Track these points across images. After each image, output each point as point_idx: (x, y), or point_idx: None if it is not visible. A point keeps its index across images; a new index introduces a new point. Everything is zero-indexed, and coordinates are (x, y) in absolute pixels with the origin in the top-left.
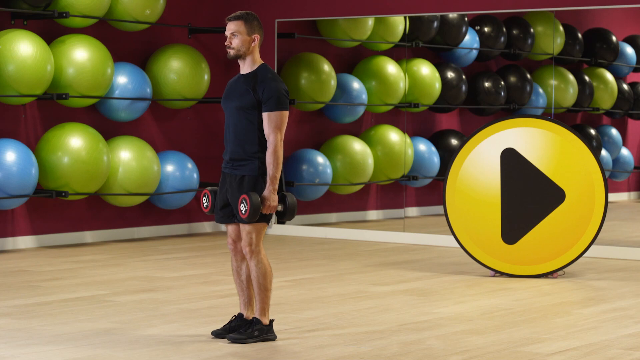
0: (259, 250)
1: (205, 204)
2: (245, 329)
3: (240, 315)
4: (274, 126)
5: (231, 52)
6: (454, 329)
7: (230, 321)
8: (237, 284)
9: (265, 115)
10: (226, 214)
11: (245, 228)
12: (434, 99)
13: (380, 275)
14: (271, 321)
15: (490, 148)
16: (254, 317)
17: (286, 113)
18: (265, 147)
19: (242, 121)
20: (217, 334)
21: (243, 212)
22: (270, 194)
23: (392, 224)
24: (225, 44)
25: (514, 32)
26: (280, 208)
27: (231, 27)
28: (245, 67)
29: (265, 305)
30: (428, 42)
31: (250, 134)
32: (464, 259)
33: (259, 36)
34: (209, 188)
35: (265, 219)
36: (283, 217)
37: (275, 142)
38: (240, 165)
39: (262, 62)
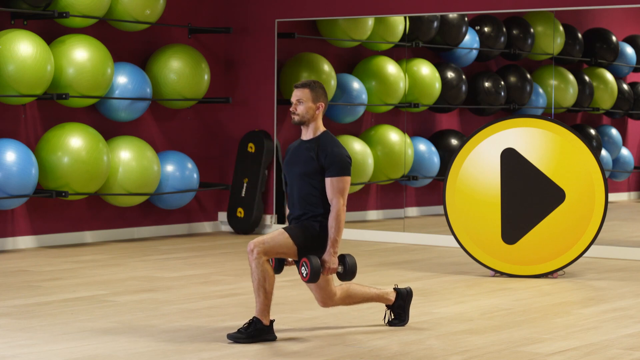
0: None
1: (304, 273)
2: (245, 328)
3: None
4: (337, 191)
5: (296, 118)
6: (454, 329)
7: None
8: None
9: (328, 180)
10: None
11: (275, 234)
12: (434, 99)
13: (380, 275)
14: (271, 322)
15: (490, 148)
16: (254, 317)
17: (349, 179)
18: (327, 210)
19: (306, 186)
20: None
21: (304, 275)
22: (331, 256)
23: (392, 224)
24: (291, 109)
25: (514, 32)
26: (340, 270)
27: (297, 94)
28: (308, 134)
29: (265, 306)
30: (428, 42)
31: (314, 198)
32: (464, 259)
33: (323, 104)
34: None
35: (351, 277)
36: (344, 278)
37: (339, 207)
38: (305, 219)
39: (325, 129)
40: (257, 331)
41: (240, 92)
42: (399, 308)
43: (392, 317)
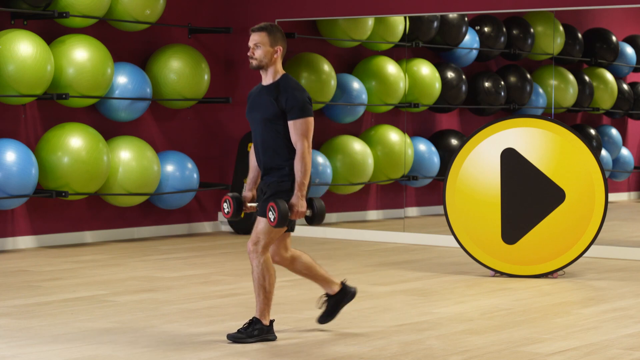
0: (262, 252)
1: (226, 210)
2: (245, 328)
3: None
4: (300, 133)
5: (253, 62)
6: (454, 329)
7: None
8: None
9: (290, 123)
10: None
11: (258, 226)
12: (434, 99)
13: (380, 275)
14: (271, 322)
15: (490, 148)
16: (254, 317)
17: (311, 119)
18: (294, 155)
19: (269, 132)
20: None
21: (272, 219)
22: (299, 200)
23: (392, 224)
24: (248, 54)
25: (514, 32)
26: (309, 213)
27: (254, 38)
28: (268, 78)
29: (265, 306)
30: (428, 42)
31: (278, 143)
32: (464, 259)
33: (281, 48)
34: (230, 194)
35: (319, 221)
36: (312, 222)
37: (303, 149)
38: (275, 173)
39: (284, 72)
40: (257, 331)
41: (240, 92)
42: (335, 303)
43: (323, 308)
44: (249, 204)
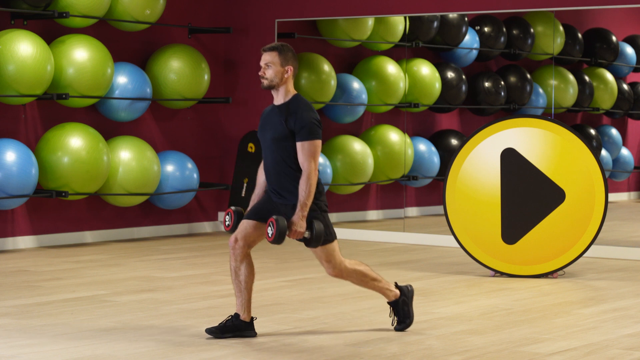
0: (343, 266)
1: (227, 223)
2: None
3: (236, 316)
4: (308, 155)
5: (264, 82)
6: (454, 329)
7: (226, 321)
8: (235, 285)
9: (298, 144)
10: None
11: (319, 256)
12: (434, 99)
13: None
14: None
15: (490, 148)
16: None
17: (319, 142)
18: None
19: (279, 151)
20: (211, 332)
21: (269, 234)
22: (299, 219)
23: (392, 224)
24: (259, 74)
25: (514, 32)
26: (307, 235)
27: (266, 57)
28: (279, 98)
29: (385, 288)
30: (428, 42)
31: (288, 164)
32: (464, 259)
33: (292, 68)
34: (232, 208)
35: (330, 238)
36: (309, 244)
37: (309, 170)
38: (286, 194)
39: (296, 92)
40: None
41: (240, 92)
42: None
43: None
44: None
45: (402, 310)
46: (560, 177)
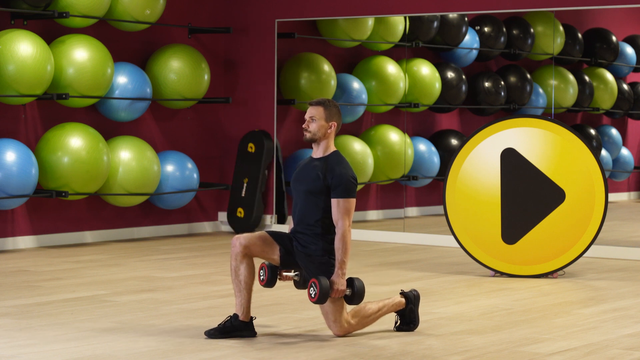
0: (348, 324)
1: (262, 277)
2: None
3: (235, 316)
4: (342, 212)
5: (307, 135)
6: (454, 329)
7: (225, 322)
8: (235, 284)
9: (334, 201)
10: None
11: (327, 313)
12: (434, 99)
13: (380, 275)
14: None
15: (490, 148)
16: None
17: (354, 201)
18: (329, 229)
19: (310, 204)
20: (210, 334)
21: (312, 295)
22: (339, 278)
23: (392, 224)
24: (303, 126)
25: (514, 32)
26: (348, 292)
27: (311, 111)
28: (318, 152)
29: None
30: (428, 42)
31: (316, 217)
32: (464, 259)
33: (336, 124)
34: (266, 263)
35: (359, 300)
36: (351, 302)
37: (344, 228)
38: (307, 244)
39: (335, 149)
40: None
41: (240, 92)
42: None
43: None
44: (284, 273)
45: (408, 317)
46: (560, 177)
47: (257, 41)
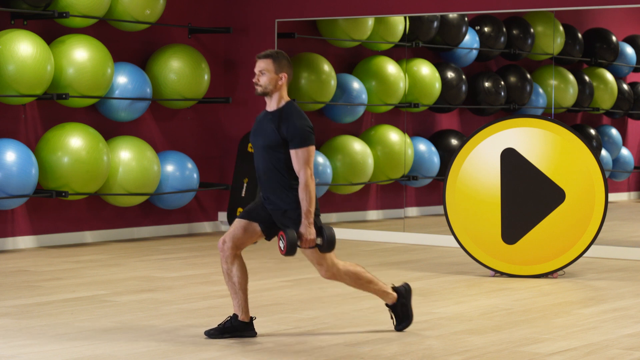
0: (336, 269)
1: (282, 246)
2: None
3: (234, 317)
4: (302, 162)
5: (258, 89)
6: (454, 329)
7: (225, 322)
8: (230, 287)
9: (292, 152)
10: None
11: (312, 259)
12: (434, 99)
13: (380, 275)
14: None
15: (490, 148)
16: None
17: (312, 148)
18: (295, 179)
19: (271, 159)
20: (210, 335)
21: (281, 248)
22: (307, 228)
23: (392, 224)
24: (254, 80)
25: (514, 32)
26: (319, 241)
27: (260, 65)
28: (272, 105)
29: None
30: (428, 42)
31: (278, 170)
32: (464, 259)
33: (286, 75)
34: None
35: (329, 248)
36: (322, 249)
37: (306, 178)
38: (277, 201)
39: (289, 99)
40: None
41: (240, 92)
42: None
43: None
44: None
45: (401, 312)
46: (560, 177)
47: (257, 41)
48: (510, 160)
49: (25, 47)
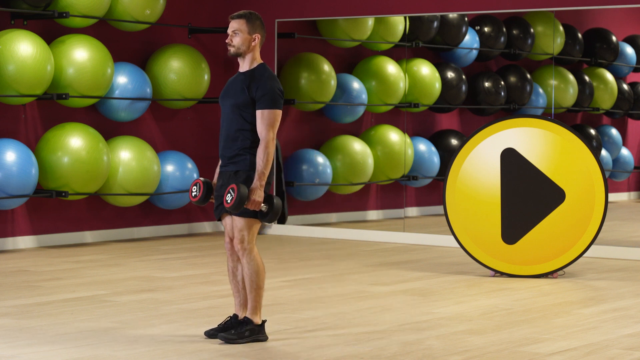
0: (251, 248)
1: (194, 193)
2: (236, 329)
3: (235, 316)
4: (267, 124)
5: (231, 49)
6: (454, 329)
7: (225, 322)
8: (233, 285)
9: (258, 112)
10: (223, 208)
11: (237, 225)
12: (434, 99)
13: (380, 275)
14: (263, 322)
15: (490, 148)
16: (245, 317)
17: (279, 112)
18: (256, 143)
19: (236, 118)
20: (210, 334)
21: (228, 201)
22: (257, 188)
23: (392, 224)
24: (226, 41)
25: (514, 32)
26: (264, 208)
27: (233, 25)
28: (244, 66)
29: (257, 305)
30: (428, 42)
31: (243, 131)
32: (464, 259)
33: (259, 36)
34: (201, 178)
35: (257, 215)
36: (265, 218)
37: (267, 139)
38: (233, 162)
39: (262, 61)
40: (247, 332)
41: None
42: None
43: (232, 333)
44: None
45: (243, 334)
46: (560, 177)
47: None
48: (510, 160)
49: (25, 47)
